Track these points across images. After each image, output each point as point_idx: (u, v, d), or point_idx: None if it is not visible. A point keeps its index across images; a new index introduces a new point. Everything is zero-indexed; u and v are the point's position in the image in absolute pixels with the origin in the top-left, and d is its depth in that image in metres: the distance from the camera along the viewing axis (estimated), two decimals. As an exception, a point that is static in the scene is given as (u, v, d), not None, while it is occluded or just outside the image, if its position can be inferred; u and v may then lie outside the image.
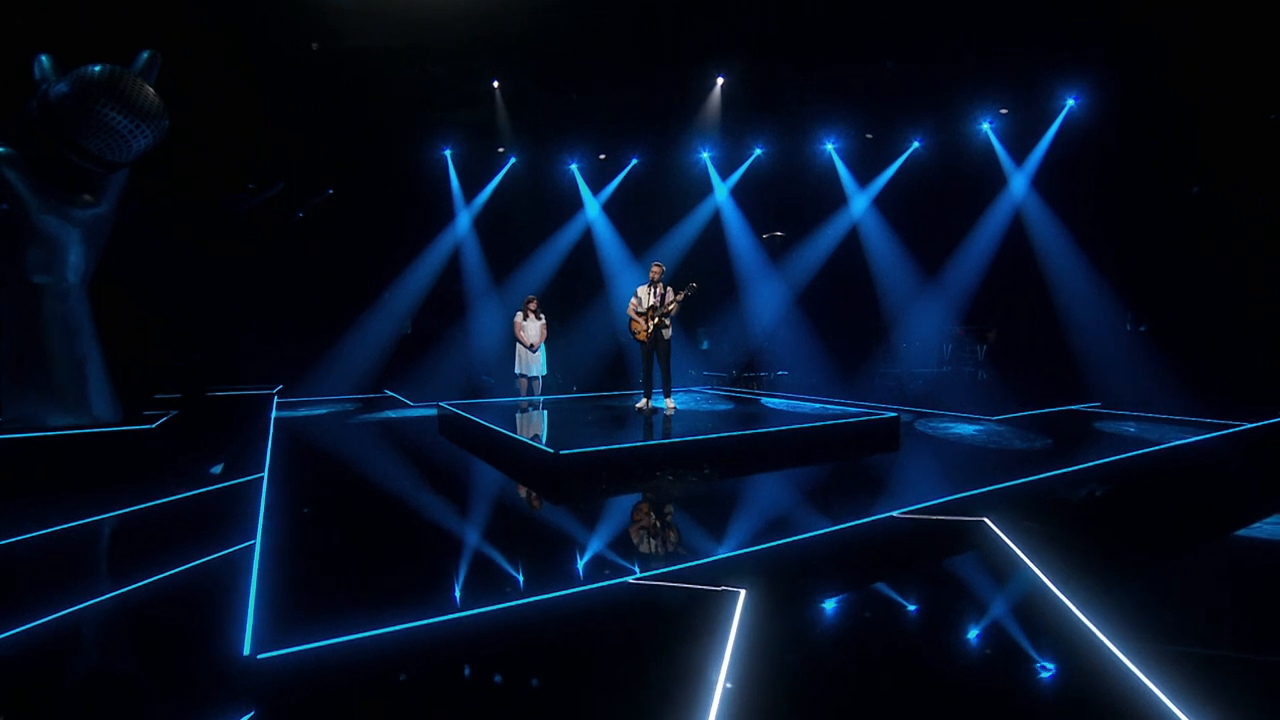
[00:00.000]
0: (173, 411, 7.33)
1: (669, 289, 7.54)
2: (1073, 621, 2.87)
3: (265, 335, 11.97)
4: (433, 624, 2.85)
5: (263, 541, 3.93)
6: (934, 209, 12.70)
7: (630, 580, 3.32)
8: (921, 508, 4.46)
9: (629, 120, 12.44)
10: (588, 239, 14.20)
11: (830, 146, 13.42)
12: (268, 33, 9.16)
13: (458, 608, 3.04)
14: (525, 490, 5.51)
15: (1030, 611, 3.04)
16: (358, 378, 12.64)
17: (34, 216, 5.76)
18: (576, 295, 13.95)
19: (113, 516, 4.62)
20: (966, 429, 7.74)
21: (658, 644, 2.80)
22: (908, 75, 10.70)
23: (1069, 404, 9.42)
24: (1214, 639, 2.83)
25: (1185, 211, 10.10)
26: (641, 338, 7.61)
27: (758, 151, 13.74)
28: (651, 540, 4.12)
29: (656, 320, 7.46)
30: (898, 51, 10.25)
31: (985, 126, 12.05)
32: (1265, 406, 7.70)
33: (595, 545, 3.96)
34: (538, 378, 9.95)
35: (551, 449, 5.39)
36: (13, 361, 5.84)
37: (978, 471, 5.76)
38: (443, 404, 8.55)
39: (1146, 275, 10.37)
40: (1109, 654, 2.59)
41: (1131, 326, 10.94)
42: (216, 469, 6.14)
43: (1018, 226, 11.84)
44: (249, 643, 2.69)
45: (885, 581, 3.51)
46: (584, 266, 14.12)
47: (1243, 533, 4.15)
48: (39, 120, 5.55)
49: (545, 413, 8.25)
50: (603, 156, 13.73)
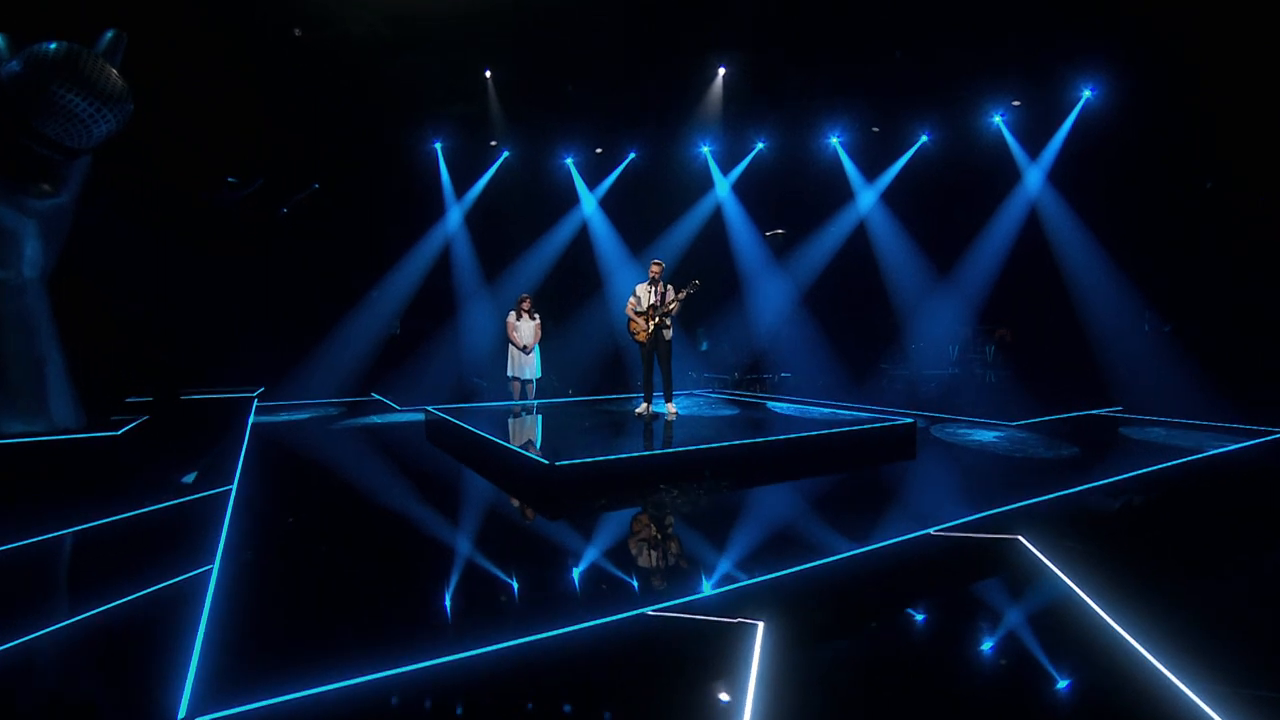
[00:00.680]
0: (143, 416, 6.90)
1: (670, 287, 7.12)
2: (1134, 656, 2.53)
3: (247, 335, 11.49)
4: (413, 670, 2.47)
5: (219, 570, 3.49)
6: (944, 204, 12.32)
7: (632, 614, 2.91)
8: (947, 526, 4.08)
9: (626, 112, 12.04)
10: (584, 235, 13.80)
11: (835, 140, 13.05)
12: (248, 16, 8.72)
13: (443, 649, 2.61)
14: (518, 504, 5.11)
15: (1081, 644, 2.69)
16: (343, 380, 12.19)
17: (-17, 207, 5.35)
18: (572, 294, 13.52)
19: (61, 535, 4.18)
20: (986, 435, 7.36)
21: (665, 690, 2.39)
22: (916, 65, 10.34)
23: (1089, 408, 9.07)
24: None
25: (1211, 206, 9.74)
26: (641, 339, 7.19)
27: (760, 145, 13.40)
28: (655, 564, 3.72)
29: (657, 320, 7.04)
30: (905, 41, 9.88)
31: (997, 119, 11.67)
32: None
33: (594, 571, 3.56)
34: (532, 381, 9.58)
35: (546, 459, 5.01)
36: (-39, 364, 5.42)
37: (1003, 483, 5.45)
38: (430, 409, 8.11)
39: (1171, 273, 10.00)
40: (1183, 697, 2.27)
41: (1152, 326, 10.55)
42: (189, 478, 5.70)
43: (1033, 222, 11.45)
44: (185, 703, 2.29)
45: (913, 608, 3.17)
46: (580, 264, 13.70)
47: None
48: (-12, 102, 5.14)
49: (539, 418, 7.87)
50: (599, 150, 13.33)
